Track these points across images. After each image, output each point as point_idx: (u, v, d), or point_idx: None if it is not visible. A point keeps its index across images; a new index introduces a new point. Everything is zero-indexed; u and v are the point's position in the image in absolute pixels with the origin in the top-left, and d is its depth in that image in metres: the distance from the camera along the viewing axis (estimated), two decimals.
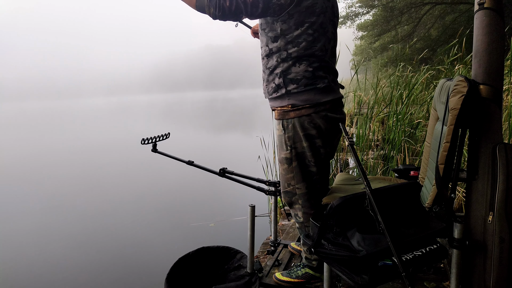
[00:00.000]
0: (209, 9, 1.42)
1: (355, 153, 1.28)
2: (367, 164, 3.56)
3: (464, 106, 1.19)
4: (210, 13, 1.43)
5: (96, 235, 3.72)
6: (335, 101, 1.60)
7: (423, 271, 1.85)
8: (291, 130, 1.58)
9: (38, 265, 3.11)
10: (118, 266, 3.05)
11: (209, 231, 3.68)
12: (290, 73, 1.54)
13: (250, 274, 1.80)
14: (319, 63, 1.54)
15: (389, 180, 1.84)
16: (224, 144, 10.18)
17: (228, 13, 1.43)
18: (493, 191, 1.23)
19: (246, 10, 1.43)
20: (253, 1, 1.41)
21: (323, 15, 1.52)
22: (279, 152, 1.67)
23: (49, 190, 5.70)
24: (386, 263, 1.16)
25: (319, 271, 1.74)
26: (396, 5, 13.96)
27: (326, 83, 1.56)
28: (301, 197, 1.65)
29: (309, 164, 1.61)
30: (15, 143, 11.87)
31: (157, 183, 5.78)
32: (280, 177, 1.72)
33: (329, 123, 1.57)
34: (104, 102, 63.59)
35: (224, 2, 1.40)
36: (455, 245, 1.24)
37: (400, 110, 3.83)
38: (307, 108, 1.54)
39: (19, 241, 3.66)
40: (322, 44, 1.54)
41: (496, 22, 1.24)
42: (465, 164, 1.39)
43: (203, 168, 2.03)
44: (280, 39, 1.53)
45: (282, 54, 1.55)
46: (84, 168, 7.24)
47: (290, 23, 1.49)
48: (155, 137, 2.06)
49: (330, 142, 1.63)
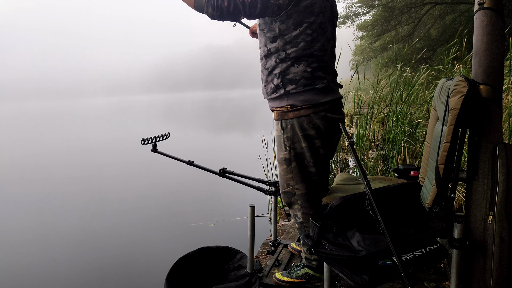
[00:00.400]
0: (207, 9, 1.41)
1: (355, 153, 1.28)
2: (367, 164, 3.56)
3: (464, 106, 1.19)
4: (208, 13, 1.42)
5: (96, 235, 3.72)
6: (334, 101, 1.60)
7: (423, 271, 1.85)
8: (290, 130, 1.57)
9: (38, 265, 3.11)
10: (118, 266, 3.05)
11: (209, 231, 3.67)
12: (289, 74, 1.54)
13: (250, 274, 1.80)
14: (318, 63, 1.53)
15: (389, 180, 1.83)
16: (224, 144, 10.18)
17: (226, 13, 1.41)
18: (493, 191, 1.23)
19: (245, 10, 1.41)
20: (251, 1, 1.40)
21: (321, 15, 1.51)
22: (278, 153, 1.66)
23: (49, 190, 5.69)
24: (386, 263, 1.16)
25: (319, 271, 1.74)
26: (396, 5, 13.95)
27: (325, 84, 1.55)
28: (300, 198, 1.65)
29: (308, 164, 1.60)
30: (15, 143, 11.87)
31: (157, 183, 5.78)
32: (279, 177, 1.72)
33: (328, 124, 1.57)
34: (104, 102, 63.61)
35: (222, 2, 1.38)
36: (455, 245, 1.24)
37: (400, 110, 3.83)
38: (306, 108, 1.53)
39: (18, 241, 3.66)
40: (321, 44, 1.53)
41: (496, 22, 1.24)
42: (465, 164, 1.39)
43: (203, 168, 2.03)
44: (279, 40, 1.53)
45: (280, 55, 1.54)
46: (84, 168, 7.24)
47: (289, 23, 1.49)
48: (155, 137, 2.06)
49: (329, 143, 1.62)
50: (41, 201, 5.10)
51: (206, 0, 1.40)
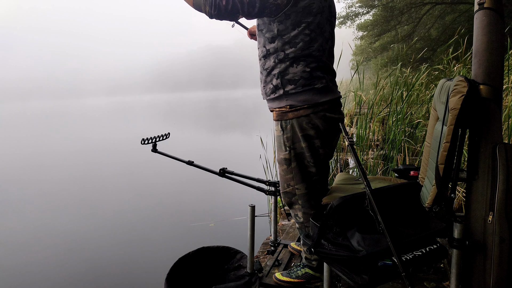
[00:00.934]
0: (205, 7, 1.41)
1: (355, 153, 1.28)
2: (367, 164, 3.56)
3: (464, 106, 1.19)
4: (206, 12, 1.42)
5: (96, 235, 3.72)
6: (334, 101, 1.60)
7: (423, 271, 1.85)
8: (289, 130, 1.57)
9: (38, 265, 3.11)
10: (118, 266, 3.05)
11: (209, 231, 3.67)
12: (288, 74, 1.54)
13: (250, 274, 1.80)
14: (317, 64, 1.54)
15: (389, 180, 1.84)
16: (224, 144, 10.18)
17: (224, 12, 1.41)
18: (493, 191, 1.23)
19: (243, 9, 1.41)
20: (250, 1, 1.40)
21: (320, 15, 1.51)
22: (278, 153, 1.66)
23: (48, 190, 5.69)
24: (386, 263, 1.16)
25: (319, 271, 1.74)
26: (396, 5, 13.94)
27: (324, 83, 1.55)
28: (301, 198, 1.65)
29: (308, 164, 1.61)
30: (15, 143, 11.87)
31: (157, 183, 5.78)
32: (280, 178, 1.72)
33: (328, 124, 1.57)
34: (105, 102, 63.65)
35: (221, 1, 1.38)
36: (455, 245, 1.24)
37: (400, 110, 3.83)
38: (305, 108, 1.53)
39: (19, 241, 3.66)
40: (320, 44, 1.53)
41: (496, 22, 1.24)
42: (465, 164, 1.39)
43: (203, 168, 2.03)
44: (277, 40, 1.53)
45: (279, 55, 1.54)
46: (84, 168, 7.24)
47: (287, 23, 1.49)
48: (155, 137, 2.06)
49: (329, 142, 1.62)
50: (41, 201, 5.10)
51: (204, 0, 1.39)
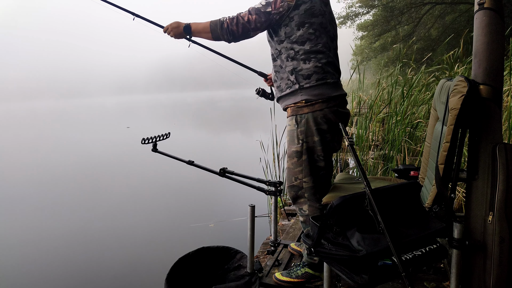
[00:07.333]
0: (223, 36, 1.67)
1: (355, 153, 1.28)
2: (367, 164, 3.56)
3: (464, 106, 1.19)
4: (224, 39, 1.68)
5: (96, 235, 3.71)
6: (343, 96, 1.72)
7: (423, 271, 1.85)
8: (304, 124, 1.65)
9: (38, 265, 3.11)
10: (118, 266, 3.05)
11: (209, 231, 3.67)
12: (301, 70, 1.64)
13: (250, 274, 1.80)
14: (326, 59, 1.65)
15: (389, 180, 1.84)
16: (224, 144, 10.17)
17: (238, 35, 1.66)
18: (493, 191, 1.23)
19: (251, 27, 1.63)
20: (255, 18, 1.62)
21: (321, 17, 1.64)
22: (289, 147, 1.73)
23: (49, 190, 5.69)
24: (386, 262, 1.16)
25: (318, 270, 1.75)
26: (396, 5, 13.93)
27: (335, 79, 1.68)
28: (308, 191, 1.70)
29: (318, 159, 1.68)
30: (20, 143, 11.87)
31: (157, 183, 5.78)
32: (287, 172, 1.77)
33: (339, 118, 1.67)
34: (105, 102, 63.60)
35: (232, 27, 1.64)
36: (455, 245, 1.24)
37: (400, 110, 3.83)
38: (320, 103, 1.63)
39: (19, 240, 3.66)
40: (325, 42, 1.65)
41: (496, 22, 1.24)
42: (465, 164, 1.39)
43: (203, 168, 2.03)
44: (286, 41, 1.66)
45: (290, 54, 1.66)
46: (84, 168, 7.23)
47: (292, 25, 1.62)
48: (156, 137, 2.06)
49: (338, 137, 1.72)
50: (43, 200, 5.10)
51: (220, 30, 1.65)
